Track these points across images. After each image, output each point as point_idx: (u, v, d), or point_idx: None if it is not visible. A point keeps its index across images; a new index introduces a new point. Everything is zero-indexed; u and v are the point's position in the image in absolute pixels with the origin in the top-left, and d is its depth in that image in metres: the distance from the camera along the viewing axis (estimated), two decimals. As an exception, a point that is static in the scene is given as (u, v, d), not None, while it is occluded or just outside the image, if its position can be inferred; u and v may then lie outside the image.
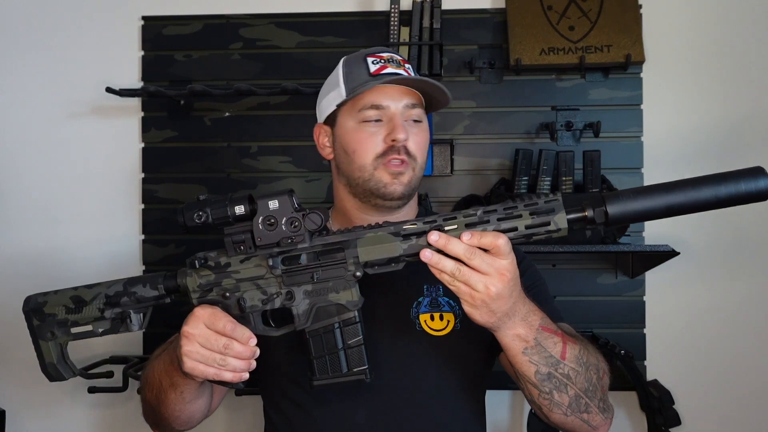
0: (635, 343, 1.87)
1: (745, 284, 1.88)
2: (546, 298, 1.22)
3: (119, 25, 1.99)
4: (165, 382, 1.11)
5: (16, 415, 1.95)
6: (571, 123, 1.88)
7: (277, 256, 1.03)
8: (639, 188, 0.97)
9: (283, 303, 1.04)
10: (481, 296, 0.94)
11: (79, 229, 1.98)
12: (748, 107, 1.87)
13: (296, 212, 1.01)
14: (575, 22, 1.86)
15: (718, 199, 0.93)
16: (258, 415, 1.34)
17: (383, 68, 1.19)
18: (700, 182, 0.94)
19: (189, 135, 1.97)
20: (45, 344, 1.10)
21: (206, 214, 1.01)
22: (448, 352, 1.17)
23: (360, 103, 1.18)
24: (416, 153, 1.18)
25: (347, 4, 1.97)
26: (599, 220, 0.95)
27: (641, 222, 0.99)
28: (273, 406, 1.22)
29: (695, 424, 1.87)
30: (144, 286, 1.07)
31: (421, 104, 1.21)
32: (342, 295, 1.03)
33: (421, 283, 1.20)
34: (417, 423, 1.14)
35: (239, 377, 1.01)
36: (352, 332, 1.03)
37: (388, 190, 1.17)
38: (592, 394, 1.06)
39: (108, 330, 1.08)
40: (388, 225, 1.01)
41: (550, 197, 0.96)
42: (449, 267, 0.94)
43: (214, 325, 1.00)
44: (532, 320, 1.01)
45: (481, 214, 0.97)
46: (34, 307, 1.10)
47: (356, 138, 1.19)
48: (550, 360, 1.02)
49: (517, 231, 0.95)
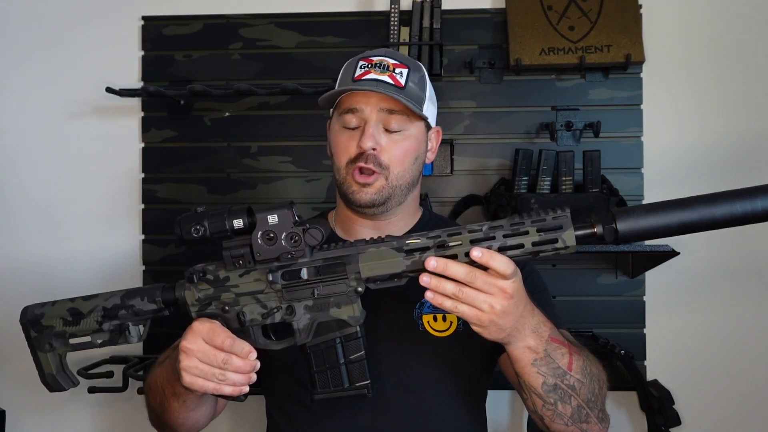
0: (635, 343, 1.86)
1: (745, 284, 1.88)
2: (546, 304, 1.21)
3: (119, 25, 1.99)
4: (168, 391, 1.10)
5: (16, 415, 1.95)
6: (571, 123, 1.88)
7: (276, 271, 1.01)
8: (650, 205, 0.94)
9: (284, 317, 1.03)
10: (487, 316, 0.93)
11: (79, 229, 1.98)
12: (749, 107, 1.87)
13: (296, 227, 1.00)
14: (575, 22, 1.86)
15: (734, 216, 0.89)
16: (259, 414, 1.34)
17: (366, 73, 1.18)
18: (714, 199, 0.90)
19: (189, 135, 1.97)
20: (44, 355, 1.09)
21: (204, 227, 1.00)
22: (451, 353, 1.17)
23: (342, 106, 1.20)
24: (390, 163, 1.17)
25: (347, 4, 1.96)
26: (609, 238, 0.93)
27: (654, 239, 0.96)
28: (276, 407, 1.22)
29: (695, 424, 1.87)
30: (142, 299, 1.06)
31: (404, 110, 1.17)
32: (343, 311, 1.01)
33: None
34: (419, 423, 1.14)
35: (239, 391, 1.00)
36: (354, 347, 1.02)
37: (354, 197, 1.17)
38: (593, 404, 1.05)
39: (106, 342, 1.07)
40: (391, 239, 0.99)
41: (558, 213, 0.94)
42: (450, 290, 0.93)
43: (212, 340, 0.99)
44: (542, 332, 1.00)
45: (486, 230, 0.95)
46: (32, 318, 1.09)
47: (336, 141, 1.21)
48: (558, 371, 1.01)
49: (523, 248, 0.94)
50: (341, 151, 1.19)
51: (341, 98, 1.21)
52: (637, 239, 0.94)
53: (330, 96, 1.20)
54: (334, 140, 1.22)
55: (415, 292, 1.18)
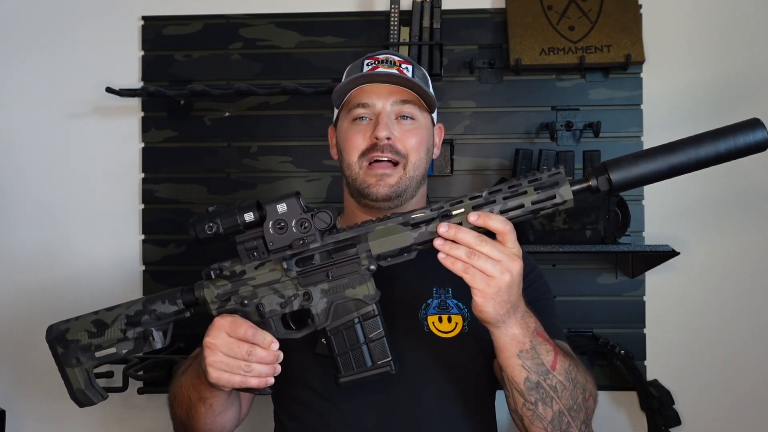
0: (635, 343, 1.87)
1: (745, 284, 1.88)
2: (550, 313, 1.21)
3: (119, 25, 1.99)
4: (194, 397, 1.11)
5: (16, 415, 1.95)
6: (571, 123, 1.88)
7: (290, 259, 1.03)
8: (640, 152, 0.96)
9: (302, 304, 1.04)
10: (497, 282, 0.93)
11: (79, 229, 1.98)
12: (749, 107, 1.87)
13: (305, 213, 1.02)
14: (575, 22, 1.86)
15: (719, 154, 0.93)
16: (267, 418, 1.34)
17: (375, 68, 1.21)
18: (699, 139, 0.94)
19: (189, 135, 1.97)
20: (71, 371, 1.09)
21: (216, 224, 1.02)
22: (456, 354, 1.17)
23: (351, 103, 1.21)
24: (406, 151, 1.19)
25: (347, 4, 1.96)
26: (604, 188, 0.95)
27: (646, 185, 0.98)
28: (283, 410, 1.22)
29: (695, 424, 1.87)
30: (163, 303, 1.07)
31: (415, 101, 1.21)
32: (359, 290, 1.03)
33: (429, 285, 1.20)
34: (426, 424, 1.14)
35: (265, 382, 1.01)
36: (373, 326, 1.04)
37: (371, 190, 1.19)
38: (575, 414, 1.05)
39: (132, 350, 1.08)
40: (396, 216, 1.01)
41: (552, 171, 0.96)
42: (462, 253, 0.94)
43: (235, 333, 1.00)
44: (528, 322, 1.01)
45: (486, 195, 0.97)
46: (57, 335, 1.09)
47: (346, 136, 1.22)
48: (541, 368, 1.01)
49: (524, 207, 0.96)
50: (352, 145, 1.20)
51: (350, 96, 1.22)
52: (630, 186, 0.96)
53: (343, 89, 1.21)
54: (343, 136, 1.23)
55: (422, 293, 1.20)
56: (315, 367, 1.16)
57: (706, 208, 1.87)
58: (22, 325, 1.95)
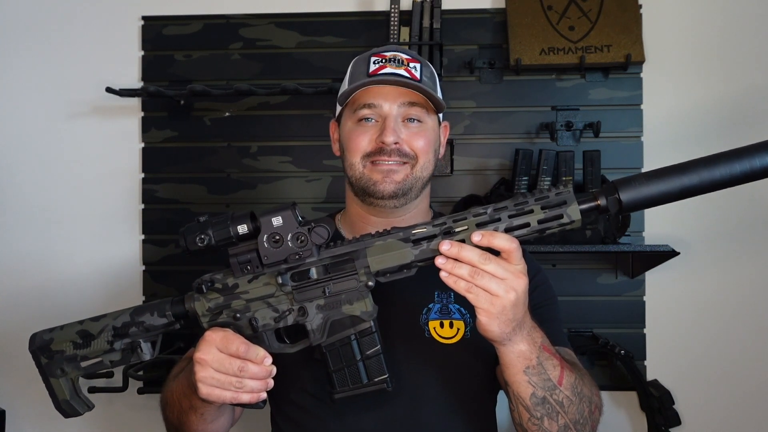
0: (635, 343, 1.86)
1: (745, 284, 1.88)
2: (555, 318, 1.19)
3: (119, 25, 1.99)
4: (185, 405, 1.09)
5: (16, 415, 1.95)
6: (571, 123, 1.88)
7: (285, 273, 1.00)
8: (651, 172, 0.92)
9: (296, 319, 1.01)
10: (501, 301, 0.90)
11: (79, 229, 1.98)
12: (749, 108, 1.87)
13: (301, 227, 0.99)
14: (575, 22, 1.86)
15: (733, 176, 0.88)
16: (264, 422, 1.34)
17: (382, 68, 1.17)
18: (714, 161, 0.89)
19: (189, 135, 1.97)
20: (56, 381, 1.06)
21: (208, 236, 0.99)
22: (457, 360, 1.15)
23: (356, 102, 1.19)
24: (414, 152, 1.17)
25: (347, 4, 1.96)
26: (613, 209, 0.92)
27: (656, 206, 0.95)
28: (281, 414, 1.21)
29: (695, 424, 1.87)
30: (152, 315, 1.04)
31: (423, 103, 1.19)
32: (356, 307, 1.00)
33: (432, 289, 1.18)
34: (426, 430, 1.13)
35: (257, 398, 0.99)
36: (369, 342, 1.01)
37: (377, 188, 1.16)
38: (581, 427, 1.03)
39: (118, 361, 1.05)
40: (397, 231, 0.98)
41: (560, 189, 0.93)
42: (465, 272, 0.91)
43: (227, 348, 0.97)
44: (535, 337, 0.99)
45: (491, 212, 0.94)
46: (41, 345, 1.06)
47: (350, 136, 1.19)
48: (548, 384, 0.99)
49: (530, 227, 0.92)
50: (356, 146, 1.18)
51: (355, 94, 1.19)
52: (640, 207, 0.93)
53: (350, 91, 1.18)
54: (347, 135, 1.20)
55: (423, 297, 1.17)
56: (313, 372, 1.13)
57: (706, 208, 1.87)
58: (23, 325, 1.94)
